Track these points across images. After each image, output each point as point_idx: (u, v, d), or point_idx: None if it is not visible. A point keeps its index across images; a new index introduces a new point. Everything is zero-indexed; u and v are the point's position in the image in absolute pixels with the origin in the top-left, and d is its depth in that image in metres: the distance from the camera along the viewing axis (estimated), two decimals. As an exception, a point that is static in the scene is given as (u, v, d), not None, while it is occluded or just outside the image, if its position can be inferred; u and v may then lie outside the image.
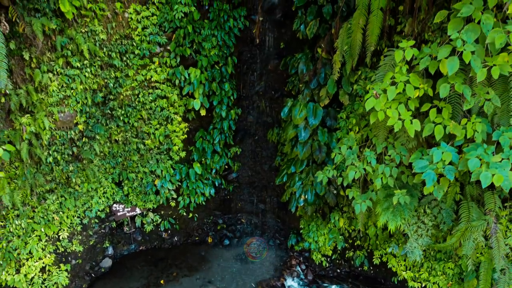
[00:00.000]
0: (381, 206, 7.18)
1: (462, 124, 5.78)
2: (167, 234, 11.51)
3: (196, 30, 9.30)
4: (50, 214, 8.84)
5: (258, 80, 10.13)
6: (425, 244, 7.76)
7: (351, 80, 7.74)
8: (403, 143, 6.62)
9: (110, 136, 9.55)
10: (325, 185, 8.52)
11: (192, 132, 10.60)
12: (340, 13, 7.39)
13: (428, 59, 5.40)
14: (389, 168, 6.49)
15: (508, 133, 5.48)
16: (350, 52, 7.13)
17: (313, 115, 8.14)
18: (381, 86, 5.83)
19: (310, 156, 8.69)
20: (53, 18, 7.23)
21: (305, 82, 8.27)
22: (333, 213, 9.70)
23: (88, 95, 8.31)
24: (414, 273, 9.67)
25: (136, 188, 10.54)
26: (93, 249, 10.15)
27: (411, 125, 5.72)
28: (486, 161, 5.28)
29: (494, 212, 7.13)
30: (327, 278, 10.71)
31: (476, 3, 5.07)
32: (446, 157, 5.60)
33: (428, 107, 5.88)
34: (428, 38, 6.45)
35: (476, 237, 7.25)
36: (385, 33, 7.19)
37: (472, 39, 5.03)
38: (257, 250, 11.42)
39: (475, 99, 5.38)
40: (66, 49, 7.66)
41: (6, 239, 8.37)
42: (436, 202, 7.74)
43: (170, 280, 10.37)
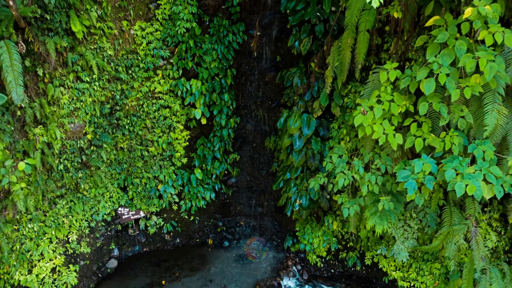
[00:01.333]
0: (369, 211, 7.71)
1: (441, 137, 6.31)
2: (170, 236, 12.02)
3: (197, 44, 9.82)
4: (60, 218, 9.35)
5: (255, 90, 10.65)
6: (411, 246, 8.29)
7: (342, 93, 8.27)
8: (388, 154, 7.15)
9: (116, 144, 10.06)
10: (319, 190, 9.04)
11: (194, 140, 11.12)
12: (332, 31, 7.92)
13: (409, 80, 5.93)
14: (375, 176, 7.02)
15: (481, 146, 6.01)
16: (341, 68, 7.66)
17: (307, 126, 8.66)
18: (368, 104, 6.36)
19: (305, 163, 9.22)
20: (65, 36, 7.74)
21: (300, 95, 8.80)
22: (327, 217, 10.21)
23: (96, 106, 8.83)
24: (403, 273, 10.18)
25: (140, 193, 11.04)
26: (100, 250, 10.66)
27: (394, 139, 6.25)
28: (461, 172, 5.81)
29: (473, 216, 7.67)
30: (322, 278, 11.22)
31: (451, 30, 5.60)
32: (426, 167, 6.13)
33: (410, 121, 6.41)
34: (411, 56, 6.98)
35: (458, 239, 7.79)
36: (373, 51, 7.72)
37: (447, 63, 5.56)
38: (257, 250, 11.86)
39: (451, 115, 5.91)
40: (77, 65, 8.18)
41: (19, 241, 8.89)
42: (421, 207, 8.27)
43: (172, 280, 10.88)
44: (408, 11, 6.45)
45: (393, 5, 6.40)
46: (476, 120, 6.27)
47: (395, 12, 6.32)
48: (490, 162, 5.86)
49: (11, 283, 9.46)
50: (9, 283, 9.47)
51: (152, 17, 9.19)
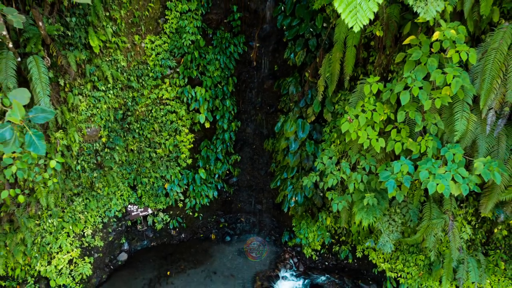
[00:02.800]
0: (356, 206, 8.51)
1: (417, 141, 7.12)
2: (175, 231, 12.82)
3: (202, 55, 10.63)
4: (77, 214, 10.16)
5: (255, 97, 11.45)
6: (396, 238, 9.09)
7: (333, 100, 9.08)
8: (373, 155, 7.96)
9: (127, 146, 10.87)
10: (312, 188, 9.85)
11: (198, 142, 11.91)
12: (323, 45, 8.73)
13: (389, 93, 6.75)
14: (361, 175, 7.83)
15: (452, 149, 6.82)
16: (331, 78, 8.47)
17: (301, 130, 9.48)
18: (353, 112, 7.17)
19: (300, 164, 10.03)
20: (83, 50, 8.56)
21: (295, 102, 9.62)
22: (320, 213, 11.01)
23: (110, 112, 9.64)
24: (391, 264, 10.97)
25: (148, 191, 11.84)
26: (111, 244, 11.47)
27: (377, 143, 7.06)
28: (434, 173, 6.62)
29: (450, 211, 8.48)
30: (317, 269, 12.01)
31: (424, 49, 6.42)
32: (404, 168, 6.94)
33: (391, 127, 7.22)
34: (393, 69, 7.79)
35: (436, 232, 8.59)
36: (360, 63, 8.52)
37: (420, 77, 6.37)
38: (257, 251, 12.42)
39: (424, 122, 6.72)
40: (94, 75, 8.99)
41: (40, 235, 9.70)
42: (405, 203, 9.06)
43: (178, 272, 11.68)
44: (389, 30, 7.26)
45: (375, 25, 7.21)
46: (448, 126, 7.08)
47: (377, 30, 7.13)
48: (459, 164, 6.67)
49: (31, 273, 10.27)
50: (29, 274, 10.27)
51: (161, 31, 10.00)
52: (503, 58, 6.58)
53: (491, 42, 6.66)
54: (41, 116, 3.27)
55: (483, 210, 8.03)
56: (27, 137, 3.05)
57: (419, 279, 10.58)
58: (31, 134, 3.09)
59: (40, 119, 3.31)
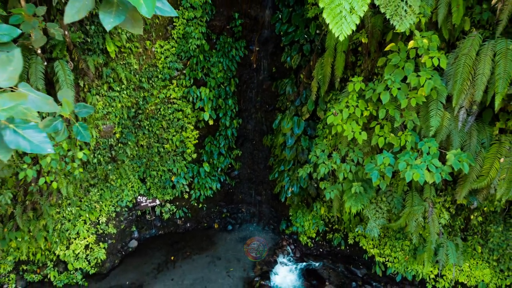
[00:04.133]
0: (346, 195, 9.41)
1: (398, 136, 8.01)
2: (181, 221, 13.72)
3: (206, 58, 11.51)
4: (92, 203, 11.05)
5: (255, 96, 12.33)
6: (381, 224, 9.98)
7: (325, 100, 9.96)
8: (360, 148, 8.85)
9: (137, 141, 11.76)
10: (307, 179, 10.74)
11: (202, 138, 12.79)
12: (316, 50, 9.61)
13: (371, 92, 7.64)
14: (349, 166, 8.73)
15: (428, 143, 7.71)
16: (323, 80, 9.36)
17: (297, 126, 10.37)
18: (338, 107, 8.06)
19: (296, 157, 10.92)
20: (101, 55, 9.44)
21: (291, 101, 10.51)
22: (315, 203, 11.90)
23: (124, 111, 10.53)
24: (379, 250, 11.86)
25: (156, 183, 12.73)
26: (123, 232, 12.36)
27: (360, 136, 7.96)
28: (411, 164, 7.51)
29: (430, 199, 9.38)
30: (312, 256, 12.91)
31: (402, 55, 7.31)
32: (386, 160, 7.84)
33: (375, 124, 8.11)
34: (377, 71, 8.67)
35: (417, 217, 9.49)
36: (349, 66, 9.41)
37: (398, 79, 7.26)
38: (257, 251, 12.94)
39: (403, 119, 7.61)
40: (109, 77, 9.87)
41: (60, 222, 10.59)
42: (390, 192, 9.95)
43: (184, 258, 12.58)
44: (373, 37, 8.14)
45: (361, 33, 8.09)
46: (425, 122, 7.97)
47: (363, 38, 8.01)
48: (433, 156, 7.57)
49: (50, 258, 11.16)
50: (48, 258, 11.16)
51: (169, 37, 10.87)
52: (472, 63, 7.46)
53: (462, 49, 7.55)
54: (84, 111, 4.03)
55: (458, 197, 8.93)
56: (74, 128, 3.85)
57: (405, 263, 11.47)
58: (78, 125, 3.91)
59: (83, 114, 4.06)
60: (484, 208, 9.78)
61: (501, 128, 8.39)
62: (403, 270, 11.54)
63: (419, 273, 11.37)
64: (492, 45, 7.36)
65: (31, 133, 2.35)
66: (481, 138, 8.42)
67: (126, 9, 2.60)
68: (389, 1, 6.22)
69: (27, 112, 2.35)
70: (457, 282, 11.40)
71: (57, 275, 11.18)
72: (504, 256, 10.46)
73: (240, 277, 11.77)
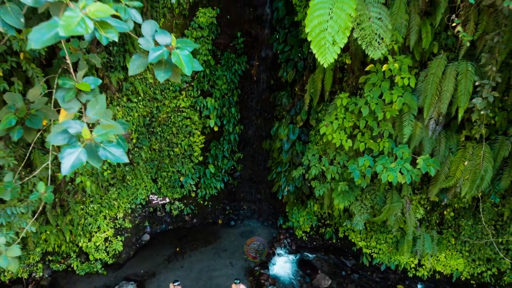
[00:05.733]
0: (335, 193, 10.70)
1: (377, 142, 9.29)
2: (189, 217, 14.98)
3: (212, 72, 12.79)
4: (111, 201, 12.32)
5: (255, 106, 13.62)
6: (366, 218, 11.26)
7: (317, 110, 11.25)
8: (346, 153, 10.14)
9: (150, 146, 13.04)
10: (301, 180, 12.03)
11: (208, 142, 14.06)
12: (309, 67, 10.91)
13: (354, 105, 8.93)
14: (336, 168, 10.02)
15: (402, 149, 9.00)
16: (315, 93, 10.65)
17: (292, 133, 11.66)
18: (329, 119, 9.35)
19: (291, 160, 12.21)
20: (121, 71, 10.73)
21: (287, 110, 11.80)
22: (309, 201, 13.18)
23: (140, 119, 11.82)
24: (366, 242, 13.12)
25: (166, 183, 14.00)
26: (137, 226, 13.64)
27: (346, 143, 9.25)
28: (386, 167, 8.79)
29: (407, 197, 10.66)
30: (306, 248, 14.18)
31: (379, 75, 8.60)
32: (366, 163, 9.12)
33: (357, 131, 9.40)
34: (360, 86, 9.95)
35: (396, 213, 10.77)
36: (337, 81, 10.69)
37: (376, 96, 8.55)
38: (257, 251, 13.83)
39: (379, 129, 8.90)
40: (128, 90, 11.16)
41: (84, 217, 11.86)
42: (373, 190, 11.22)
43: (192, 250, 13.85)
44: (356, 59, 9.43)
45: (346, 55, 9.38)
46: (400, 131, 9.25)
47: (347, 59, 9.30)
48: (406, 160, 8.86)
49: (73, 249, 12.42)
50: (72, 250, 12.43)
51: (179, 53, 12.14)
52: (439, 81, 8.75)
53: (430, 69, 8.84)
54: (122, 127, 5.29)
55: (430, 195, 10.22)
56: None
57: (389, 254, 12.75)
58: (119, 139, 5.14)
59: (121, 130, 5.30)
60: (455, 205, 11.07)
61: (467, 135, 9.68)
62: (387, 260, 12.81)
63: (401, 263, 12.64)
64: (456, 66, 8.65)
65: (113, 149, 3.62)
66: (449, 144, 9.72)
67: (171, 67, 3.88)
68: (365, 34, 7.51)
69: (110, 135, 3.63)
70: (435, 271, 12.69)
71: (80, 264, 12.45)
72: (474, 247, 11.75)
73: (242, 266, 13.05)
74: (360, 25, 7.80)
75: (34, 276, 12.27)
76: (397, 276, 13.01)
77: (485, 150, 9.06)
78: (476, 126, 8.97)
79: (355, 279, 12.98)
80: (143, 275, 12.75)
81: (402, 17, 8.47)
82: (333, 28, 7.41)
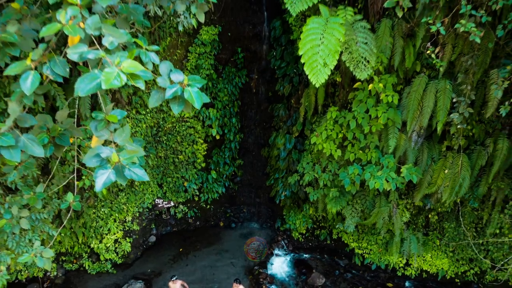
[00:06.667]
0: (327, 198, 11.46)
1: (365, 152, 10.05)
2: (192, 220, 15.74)
3: (214, 85, 13.57)
4: (121, 205, 13.09)
5: (254, 116, 14.39)
6: (356, 221, 12.01)
7: (311, 121, 12.02)
8: (337, 162, 10.91)
9: (157, 153, 13.81)
10: (297, 185, 12.79)
11: (210, 150, 14.83)
12: (303, 82, 11.68)
13: (343, 119, 9.70)
14: (328, 175, 10.78)
15: (387, 158, 9.77)
16: (309, 106, 11.42)
17: (288, 142, 12.43)
18: (320, 130, 10.13)
19: (288, 167, 12.98)
20: (131, 86, 11.50)
21: (284, 121, 12.58)
22: (305, 204, 13.92)
23: (148, 130, 12.60)
24: (358, 243, 13.87)
25: (171, 188, 14.76)
26: (144, 229, 14.40)
27: (335, 152, 10.01)
28: (374, 175, 9.56)
29: (394, 201, 11.41)
30: (302, 249, 14.91)
31: (366, 92, 9.37)
32: (355, 171, 9.89)
33: (347, 143, 10.17)
34: (350, 101, 10.73)
35: (384, 216, 11.52)
36: (329, 95, 11.46)
37: (363, 111, 9.32)
38: (257, 251, 14.46)
39: (366, 141, 9.67)
40: (137, 103, 11.94)
41: (95, 221, 12.63)
42: (363, 195, 11.98)
43: (195, 250, 14.60)
44: (346, 76, 10.21)
45: (336, 73, 10.16)
46: (386, 142, 10.02)
47: (337, 77, 10.08)
48: (391, 169, 9.63)
49: (85, 250, 13.19)
50: (83, 250, 13.19)
51: (184, 68, 12.95)
52: (420, 97, 9.51)
53: (413, 86, 9.61)
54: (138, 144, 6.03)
55: (415, 200, 11.00)
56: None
57: (379, 254, 13.50)
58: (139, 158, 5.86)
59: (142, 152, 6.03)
60: (438, 209, 11.84)
61: (448, 145, 10.45)
62: (378, 260, 13.56)
63: (391, 262, 13.40)
64: (436, 84, 9.42)
65: (137, 170, 4.38)
66: (432, 154, 10.49)
67: (184, 101, 4.66)
68: (352, 58, 8.30)
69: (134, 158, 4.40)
70: (422, 270, 13.44)
71: (91, 264, 13.22)
72: (457, 248, 12.51)
73: (242, 265, 13.81)
74: (348, 49, 8.59)
75: (48, 275, 13.03)
76: (387, 275, 13.74)
77: (463, 160, 9.82)
78: (454, 138, 9.74)
79: (347, 277, 13.72)
80: (150, 274, 13.50)
81: (387, 40, 9.25)
82: (324, 52, 8.20)
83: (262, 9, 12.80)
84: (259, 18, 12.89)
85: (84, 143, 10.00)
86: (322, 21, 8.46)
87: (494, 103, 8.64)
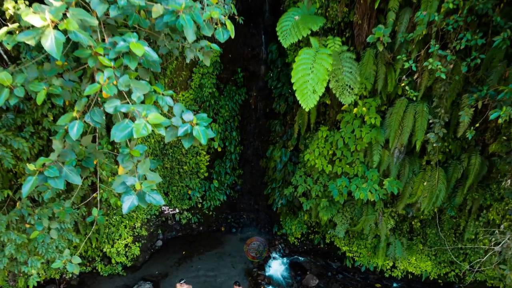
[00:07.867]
0: (319, 207, 12.41)
1: (352, 167, 11.01)
2: (195, 225, 16.66)
3: (216, 102, 14.54)
4: (131, 212, 14.04)
5: (253, 130, 15.35)
6: (346, 228, 12.94)
7: (305, 137, 12.98)
8: (327, 175, 11.87)
9: (163, 165, 14.77)
10: (292, 194, 13.74)
11: (212, 161, 15.78)
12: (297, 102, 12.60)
13: (332, 137, 10.66)
14: (319, 187, 11.74)
15: (372, 172, 10.73)
16: (303, 123, 12.38)
17: (284, 155, 13.39)
18: (312, 147, 11.09)
19: (283, 178, 13.94)
20: (141, 105, 12.45)
21: (280, 136, 13.55)
22: (299, 211, 14.86)
23: (156, 144, 13.55)
24: (349, 247, 14.78)
25: (176, 196, 15.70)
26: (152, 234, 15.35)
27: (327, 167, 10.97)
28: (359, 187, 10.52)
29: (380, 210, 12.35)
30: (298, 252, 15.83)
31: (352, 114, 10.34)
32: (343, 183, 10.84)
33: (335, 158, 11.13)
34: (339, 119, 11.68)
35: (371, 223, 12.46)
36: (321, 114, 12.42)
37: (349, 131, 10.29)
38: (257, 251, 15.19)
39: (352, 157, 10.63)
40: (146, 121, 12.87)
41: (108, 227, 13.57)
42: (352, 204, 12.92)
43: (199, 254, 15.53)
44: (335, 98, 11.16)
45: (326, 96, 11.13)
46: (371, 158, 10.98)
47: (327, 100, 11.05)
48: (375, 181, 10.58)
49: (97, 254, 14.13)
50: (96, 254, 14.13)
51: (188, 87, 13.93)
52: (401, 118, 10.47)
53: (394, 108, 10.57)
54: (153, 165, 6.98)
55: (398, 209, 11.94)
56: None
57: (368, 257, 14.41)
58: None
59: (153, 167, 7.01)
60: (420, 217, 12.77)
61: (427, 160, 11.39)
62: (367, 263, 14.48)
63: (379, 265, 14.32)
64: (414, 106, 10.37)
65: (155, 196, 5.34)
66: (413, 168, 11.44)
67: (193, 138, 5.62)
68: (338, 85, 9.27)
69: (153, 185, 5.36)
70: (408, 271, 14.37)
71: (103, 267, 14.15)
72: (439, 252, 13.44)
73: (242, 268, 14.75)
74: (335, 77, 9.57)
75: (64, 277, 13.97)
76: (375, 276, 14.67)
77: (439, 174, 10.78)
78: (432, 154, 10.69)
79: (339, 279, 14.65)
80: (157, 275, 14.44)
81: (371, 67, 10.22)
82: (314, 80, 9.18)
83: (261, 33, 13.79)
84: (258, 41, 13.88)
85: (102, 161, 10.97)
86: (312, 52, 9.45)
87: (465, 125, 9.60)
